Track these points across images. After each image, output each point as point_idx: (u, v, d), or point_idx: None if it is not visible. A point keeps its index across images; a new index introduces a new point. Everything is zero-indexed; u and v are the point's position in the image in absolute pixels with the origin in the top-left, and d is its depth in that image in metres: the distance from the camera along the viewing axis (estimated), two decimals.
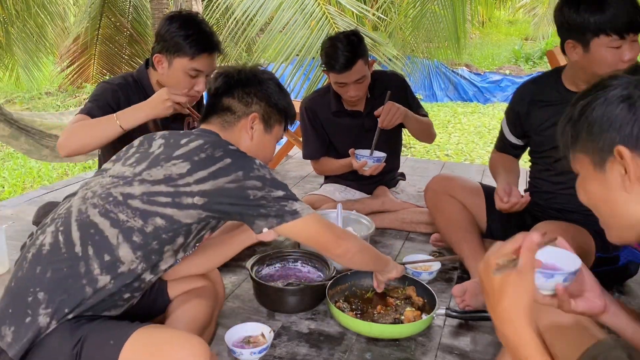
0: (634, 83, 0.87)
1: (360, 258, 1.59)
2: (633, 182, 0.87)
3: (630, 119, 0.86)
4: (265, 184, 1.35)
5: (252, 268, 2.00)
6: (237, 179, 1.32)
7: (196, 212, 1.32)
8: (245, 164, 1.36)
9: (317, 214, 1.43)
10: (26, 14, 5.64)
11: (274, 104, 1.55)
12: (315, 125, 2.63)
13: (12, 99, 8.75)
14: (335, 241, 1.49)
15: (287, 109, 1.60)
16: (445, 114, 8.07)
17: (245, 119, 1.51)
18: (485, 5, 5.88)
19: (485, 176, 3.65)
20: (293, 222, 1.36)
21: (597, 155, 0.91)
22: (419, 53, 5.64)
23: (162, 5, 5.31)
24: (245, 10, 3.92)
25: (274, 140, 1.60)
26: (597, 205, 0.96)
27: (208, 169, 1.32)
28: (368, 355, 1.69)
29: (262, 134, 1.55)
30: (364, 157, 2.40)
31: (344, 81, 2.36)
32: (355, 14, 4.49)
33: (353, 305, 1.89)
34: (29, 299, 1.22)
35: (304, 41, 3.85)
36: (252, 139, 1.52)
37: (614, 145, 0.87)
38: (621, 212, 0.91)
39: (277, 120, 1.58)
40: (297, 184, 3.53)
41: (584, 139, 0.92)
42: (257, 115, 1.52)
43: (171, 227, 1.31)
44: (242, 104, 1.52)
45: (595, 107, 0.90)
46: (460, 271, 2.25)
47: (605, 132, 0.88)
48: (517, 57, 12.03)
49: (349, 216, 2.39)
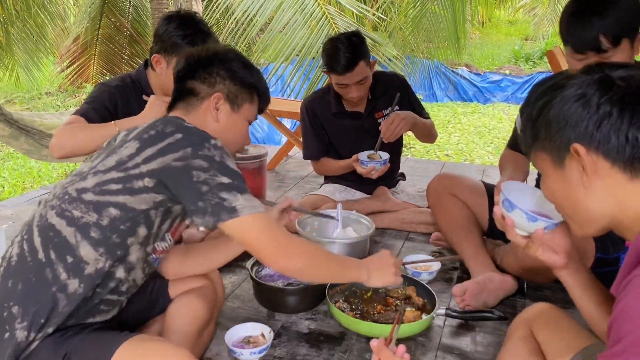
0: (587, 82, 0.89)
1: (315, 272, 1.39)
2: (590, 178, 0.90)
3: (585, 116, 0.88)
4: (212, 166, 1.21)
5: (252, 268, 2.00)
6: (184, 156, 1.21)
7: (149, 196, 1.23)
8: (197, 140, 1.24)
9: (263, 216, 1.25)
10: (26, 14, 5.64)
11: (239, 80, 1.44)
12: (315, 126, 2.63)
13: (12, 99, 8.75)
14: (276, 253, 1.27)
15: (256, 85, 1.48)
16: (445, 114, 8.08)
17: (209, 100, 1.41)
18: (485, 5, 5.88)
19: (486, 176, 3.65)
20: (230, 221, 1.21)
21: (556, 154, 0.93)
22: (419, 53, 5.64)
23: (162, 5, 5.30)
24: (245, 10, 3.92)
25: (243, 120, 1.48)
26: (560, 202, 0.98)
27: (157, 146, 1.23)
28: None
29: (229, 114, 1.44)
30: (370, 163, 2.40)
31: (345, 82, 2.36)
32: (355, 14, 4.49)
33: (353, 306, 1.89)
34: (4, 314, 1.18)
35: (304, 41, 3.84)
36: (219, 121, 1.42)
37: (571, 143, 0.90)
38: (582, 207, 0.94)
39: (245, 98, 1.46)
40: (297, 184, 3.53)
41: (543, 137, 0.95)
42: (221, 95, 1.42)
43: (126, 216, 1.23)
44: (206, 84, 1.42)
45: (553, 107, 0.92)
46: (460, 271, 2.25)
47: (562, 130, 0.91)
48: (517, 57, 12.03)
49: (349, 216, 2.39)
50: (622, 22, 1.58)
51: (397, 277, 1.53)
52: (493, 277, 1.95)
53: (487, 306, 1.88)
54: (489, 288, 1.91)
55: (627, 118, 0.85)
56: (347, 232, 2.34)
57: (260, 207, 1.26)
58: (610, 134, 0.86)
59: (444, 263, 2.25)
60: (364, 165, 2.40)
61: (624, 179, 0.87)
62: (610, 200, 0.90)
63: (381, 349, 1.12)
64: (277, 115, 4.01)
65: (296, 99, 3.96)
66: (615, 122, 0.86)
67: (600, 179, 0.89)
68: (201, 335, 1.56)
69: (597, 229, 0.96)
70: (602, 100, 0.87)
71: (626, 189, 0.88)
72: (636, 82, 0.87)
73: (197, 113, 1.42)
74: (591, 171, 0.89)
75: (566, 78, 0.93)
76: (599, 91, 0.88)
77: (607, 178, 0.89)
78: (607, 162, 0.88)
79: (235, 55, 1.48)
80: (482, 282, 1.91)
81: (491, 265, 2.03)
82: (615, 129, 0.86)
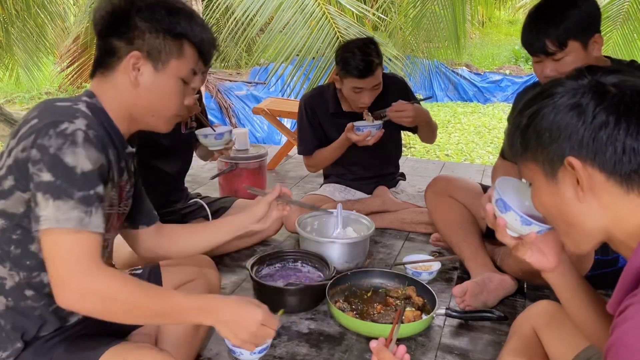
0: (581, 91, 0.86)
1: (108, 309, 1.07)
2: (586, 193, 0.86)
3: (580, 127, 0.84)
4: (42, 159, 1.03)
5: (252, 268, 2.00)
6: (26, 145, 1.06)
7: (18, 195, 1.08)
8: (44, 126, 1.05)
9: (68, 236, 1.02)
10: (26, 14, 5.63)
11: (162, 31, 1.19)
12: (312, 123, 2.64)
13: (12, 99, 8.75)
14: (61, 284, 1.03)
15: (186, 33, 1.22)
16: (445, 114, 8.08)
17: (126, 59, 1.18)
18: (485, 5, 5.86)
19: (485, 176, 3.66)
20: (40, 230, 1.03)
21: (548, 165, 0.89)
22: (419, 53, 5.64)
23: None
24: (245, 10, 3.91)
25: (173, 80, 1.23)
26: (553, 215, 0.94)
27: (16, 137, 1.09)
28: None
29: (152, 74, 1.20)
30: (365, 128, 2.39)
31: (362, 86, 2.37)
32: (355, 14, 4.48)
33: (353, 305, 1.89)
34: None
35: (304, 41, 3.84)
36: (140, 84, 1.20)
37: (565, 156, 0.86)
38: (576, 221, 0.90)
39: (174, 52, 1.21)
40: (297, 184, 3.52)
41: (534, 148, 0.91)
42: (138, 54, 1.18)
43: (12, 223, 1.11)
44: (123, 41, 1.18)
45: (544, 116, 0.88)
46: (460, 271, 2.25)
47: (555, 141, 0.87)
48: (517, 57, 12.02)
49: (349, 216, 2.39)
50: (566, 26, 1.67)
51: (250, 345, 1.20)
52: (492, 277, 1.95)
53: (486, 306, 1.88)
54: (489, 288, 1.91)
55: (623, 128, 0.82)
56: (347, 232, 2.34)
57: (72, 222, 1.02)
58: (607, 145, 0.83)
59: (444, 263, 2.25)
60: (359, 130, 2.39)
61: (619, 193, 0.85)
62: (606, 214, 0.87)
63: (381, 350, 1.09)
64: (277, 115, 4.01)
65: (296, 99, 3.96)
66: (612, 132, 0.83)
67: (596, 192, 0.86)
68: (198, 330, 1.55)
69: (593, 245, 0.93)
70: (597, 109, 0.83)
71: (621, 203, 0.85)
72: (630, 89, 0.83)
73: (114, 78, 1.21)
74: (587, 185, 0.86)
75: (554, 85, 0.90)
76: (594, 100, 0.84)
77: (602, 192, 0.85)
78: (603, 175, 0.85)
79: (157, 1, 1.21)
80: (482, 282, 1.92)
81: (490, 265, 2.04)
82: (612, 140, 0.83)
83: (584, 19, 1.69)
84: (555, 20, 1.69)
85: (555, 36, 1.69)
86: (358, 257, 2.21)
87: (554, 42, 1.69)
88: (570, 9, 1.69)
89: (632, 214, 0.85)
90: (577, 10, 1.69)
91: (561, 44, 1.69)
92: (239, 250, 2.41)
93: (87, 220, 1.04)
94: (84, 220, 1.04)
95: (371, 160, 2.70)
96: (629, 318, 0.74)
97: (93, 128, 1.10)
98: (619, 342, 0.74)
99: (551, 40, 1.69)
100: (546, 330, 1.27)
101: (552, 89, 0.89)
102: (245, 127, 6.01)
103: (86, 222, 1.04)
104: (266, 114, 3.95)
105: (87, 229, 1.04)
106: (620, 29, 4.97)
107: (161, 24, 1.19)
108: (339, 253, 2.15)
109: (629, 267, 0.84)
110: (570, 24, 1.68)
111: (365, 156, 2.67)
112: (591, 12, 1.71)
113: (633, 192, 0.84)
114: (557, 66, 1.73)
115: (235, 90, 7.22)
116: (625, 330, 0.74)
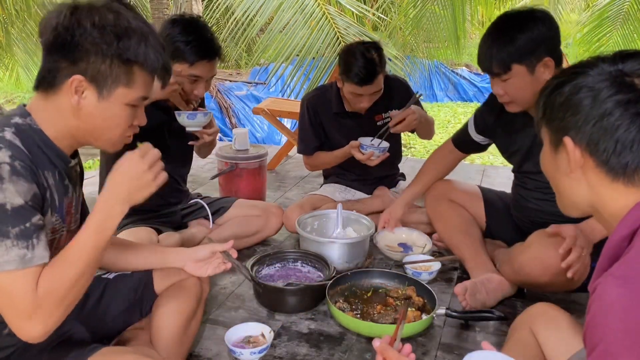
0: (604, 76, 0.88)
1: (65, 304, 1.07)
2: (575, 171, 0.93)
3: (587, 111, 0.88)
4: None
5: (252, 268, 2.00)
6: None
7: None
8: None
9: (14, 273, 0.99)
10: (26, 14, 5.64)
11: (111, 55, 1.08)
12: (314, 123, 2.64)
13: (12, 99, 8.75)
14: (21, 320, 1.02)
15: (139, 59, 1.11)
16: (445, 114, 8.08)
17: (69, 81, 1.09)
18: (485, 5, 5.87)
19: (486, 176, 3.66)
20: None
21: (554, 135, 0.96)
22: (419, 53, 5.64)
23: (162, 5, 5.31)
24: (245, 10, 3.91)
25: (118, 107, 1.13)
26: (549, 179, 1.03)
27: None
28: (368, 355, 1.69)
29: (96, 100, 1.11)
30: (370, 148, 2.39)
31: (361, 93, 2.37)
32: (355, 14, 4.48)
33: (353, 306, 1.89)
34: None
35: (304, 41, 3.84)
36: (81, 109, 1.11)
37: (566, 133, 0.92)
38: (565, 192, 0.98)
39: (121, 79, 1.11)
40: (297, 184, 3.53)
41: (548, 115, 0.96)
42: (81, 78, 1.08)
43: None
44: (68, 60, 1.09)
45: (565, 90, 0.92)
46: (460, 271, 2.25)
47: (562, 117, 0.92)
48: None
49: (349, 216, 2.40)
50: (509, 50, 1.70)
51: (152, 183, 1.14)
52: (492, 277, 1.95)
53: (485, 306, 1.88)
54: (488, 288, 1.91)
55: (625, 123, 0.84)
56: (347, 232, 2.34)
57: (13, 263, 0.99)
58: (603, 135, 0.86)
59: (443, 263, 2.25)
60: (363, 149, 2.39)
61: (606, 179, 0.89)
62: (592, 193, 0.92)
63: (386, 348, 1.07)
64: (277, 115, 4.01)
65: (296, 99, 3.96)
66: (612, 123, 0.85)
67: (584, 174, 0.91)
68: (187, 329, 1.54)
69: (579, 214, 1.00)
70: (608, 99, 0.86)
71: (607, 189, 0.90)
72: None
73: (57, 98, 1.12)
74: (575, 165, 0.91)
75: (589, 64, 0.92)
76: (609, 89, 0.86)
77: (590, 174, 0.91)
78: (592, 160, 0.89)
79: (110, 19, 1.08)
80: (481, 283, 1.92)
81: (491, 266, 2.04)
82: (610, 131, 0.86)
83: (527, 43, 1.70)
84: (501, 43, 1.73)
85: (499, 59, 1.73)
86: (358, 257, 2.21)
87: (498, 65, 1.74)
88: (516, 33, 1.71)
89: (615, 200, 0.90)
90: (522, 35, 1.70)
91: (505, 67, 1.73)
92: (239, 250, 2.40)
93: (29, 255, 1.00)
94: (26, 256, 1.00)
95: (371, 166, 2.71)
96: (596, 299, 0.78)
97: (19, 158, 1.03)
98: (590, 324, 0.78)
99: (496, 62, 1.74)
100: (544, 332, 1.28)
101: (586, 68, 0.91)
102: (245, 127, 6.01)
103: (28, 257, 1.00)
104: (266, 114, 3.95)
105: (30, 264, 1.01)
106: (620, 29, 4.98)
107: (109, 47, 1.08)
108: (339, 253, 2.15)
109: (607, 246, 0.89)
110: (513, 48, 1.71)
111: None
112: (537, 37, 1.70)
113: (617, 182, 0.88)
114: (504, 86, 1.79)
115: (235, 90, 7.22)
116: (593, 312, 0.78)
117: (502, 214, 2.19)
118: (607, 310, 0.76)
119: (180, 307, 1.50)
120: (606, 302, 0.76)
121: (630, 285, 0.76)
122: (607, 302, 0.76)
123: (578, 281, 1.72)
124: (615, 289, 0.76)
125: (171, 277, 1.54)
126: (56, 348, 1.20)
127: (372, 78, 2.31)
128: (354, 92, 2.37)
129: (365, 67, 2.29)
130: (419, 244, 2.40)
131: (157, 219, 2.19)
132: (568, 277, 1.66)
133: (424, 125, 2.53)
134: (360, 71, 2.29)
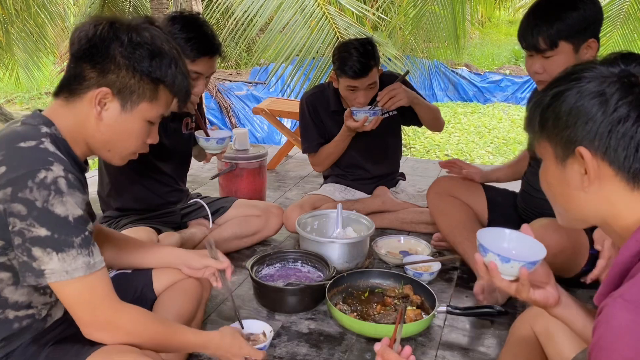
0: (610, 79, 0.83)
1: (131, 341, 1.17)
2: (592, 184, 0.86)
3: (599, 117, 0.82)
4: (30, 213, 1.01)
5: (252, 268, 2.00)
6: (3, 198, 1.02)
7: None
8: (21, 177, 1.02)
9: (81, 282, 1.07)
10: (26, 13, 5.64)
11: (141, 71, 1.14)
12: (315, 120, 2.64)
13: (12, 99, 8.75)
14: (90, 326, 1.12)
15: (164, 79, 1.16)
16: (445, 114, 8.08)
17: (94, 91, 1.13)
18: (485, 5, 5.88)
19: None
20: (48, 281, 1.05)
21: (560, 149, 0.89)
22: (419, 53, 5.64)
23: (162, 5, 5.30)
24: (245, 10, 3.92)
25: (138, 122, 1.18)
26: (555, 195, 0.96)
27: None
28: (368, 355, 1.69)
29: (118, 114, 1.16)
30: (361, 112, 2.38)
31: (356, 85, 2.37)
32: (355, 14, 4.49)
33: (352, 307, 1.89)
34: None
35: (304, 41, 3.85)
36: (102, 119, 1.15)
37: (577, 143, 0.85)
38: (576, 207, 0.91)
39: (144, 95, 1.16)
40: (297, 184, 3.52)
41: (550, 128, 0.89)
42: (108, 90, 1.13)
43: None
44: (96, 70, 1.12)
45: (567, 98, 0.86)
46: (460, 271, 2.25)
47: (572, 127, 0.85)
48: (517, 57, 12.02)
49: (349, 216, 2.39)
50: (559, 26, 1.70)
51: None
52: None
53: (497, 303, 1.89)
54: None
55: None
56: (347, 232, 2.34)
57: (81, 270, 1.06)
58: (622, 141, 0.81)
59: (444, 263, 2.25)
60: (355, 115, 2.38)
61: (626, 189, 0.84)
62: (606, 207, 0.87)
63: (385, 350, 1.06)
64: (277, 115, 4.01)
65: (296, 99, 3.96)
66: (629, 128, 0.81)
67: (601, 184, 0.85)
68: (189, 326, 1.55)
69: (585, 227, 0.96)
70: (620, 102, 0.81)
71: (624, 199, 0.85)
72: None
73: (78, 105, 1.15)
74: (594, 177, 0.85)
75: (585, 68, 0.87)
76: (619, 91, 0.81)
77: (608, 185, 0.85)
78: (611, 169, 0.84)
79: (146, 37, 1.14)
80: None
81: None
82: (628, 137, 0.81)
83: (579, 22, 1.71)
84: (550, 19, 1.72)
85: (547, 35, 1.72)
86: (358, 257, 2.21)
87: (545, 40, 1.73)
88: (568, 10, 1.71)
89: (632, 210, 0.85)
90: (574, 13, 1.70)
91: (552, 43, 1.72)
92: (239, 250, 2.41)
93: (92, 261, 1.08)
94: (90, 262, 1.08)
95: (371, 162, 2.70)
96: (604, 322, 0.75)
97: (69, 170, 1.08)
98: (596, 346, 0.75)
99: (543, 38, 1.73)
100: (545, 331, 1.27)
101: (582, 72, 0.86)
102: (245, 127, 6.01)
103: (92, 263, 1.08)
104: (266, 114, 3.95)
105: (94, 269, 1.09)
106: (620, 29, 4.97)
107: (141, 64, 1.13)
108: (339, 253, 2.15)
109: (617, 260, 0.85)
110: (564, 25, 1.71)
111: (366, 158, 2.67)
112: (589, 17, 1.72)
113: (638, 190, 0.84)
114: (546, 64, 1.77)
115: (235, 90, 7.22)
116: (600, 335, 0.75)
117: (504, 209, 2.20)
118: (616, 335, 0.73)
119: (180, 309, 1.51)
120: (615, 327, 0.73)
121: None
122: (616, 327, 0.73)
123: (576, 267, 1.74)
124: (626, 315, 0.73)
125: (170, 278, 1.55)
126: (56, 346, 1.21)
127: (366, 70, 2.32)
128: (350, 85, 2.38)
129: (359, 60, 2.30)
130: (420, 251, 2.39)
131: (157, 219, 2.19)
132: (565, 260, 1.67)
133: (425, 110, 2.51)
134: (354, 64, 2.31)
